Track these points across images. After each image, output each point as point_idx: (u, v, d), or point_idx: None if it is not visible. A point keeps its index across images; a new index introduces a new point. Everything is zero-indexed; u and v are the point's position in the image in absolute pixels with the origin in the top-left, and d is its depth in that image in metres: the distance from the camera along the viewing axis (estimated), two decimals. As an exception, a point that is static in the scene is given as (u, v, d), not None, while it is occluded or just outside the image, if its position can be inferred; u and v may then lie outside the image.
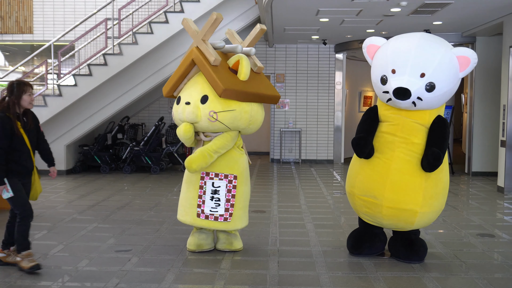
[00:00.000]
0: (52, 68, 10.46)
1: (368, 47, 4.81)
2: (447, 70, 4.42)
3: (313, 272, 4.54)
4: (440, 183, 4.62)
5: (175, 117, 4.99)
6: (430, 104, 4.49)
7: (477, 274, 4.51)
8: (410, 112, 4.56)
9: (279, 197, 8.15)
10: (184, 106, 4.81)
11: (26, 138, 4.52)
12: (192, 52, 4.82)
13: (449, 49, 4.48)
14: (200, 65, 4.76)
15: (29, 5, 13.03)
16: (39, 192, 4.83)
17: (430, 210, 4.60)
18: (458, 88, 4.75)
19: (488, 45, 10.56)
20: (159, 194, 8.35)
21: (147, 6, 11.53)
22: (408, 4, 7.89)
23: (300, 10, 8.54)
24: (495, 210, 7.37)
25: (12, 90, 4.46)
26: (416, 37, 4.58)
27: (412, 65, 4.41)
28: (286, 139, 13.00)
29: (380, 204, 4.62)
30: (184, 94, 4.91)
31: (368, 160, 4.71)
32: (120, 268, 4.60)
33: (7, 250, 4.66)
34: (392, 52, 4.56)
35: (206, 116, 4.72)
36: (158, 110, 13.12)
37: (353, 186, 4.87)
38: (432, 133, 4.52)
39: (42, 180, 9.66)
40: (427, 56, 4.42)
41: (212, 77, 4.64)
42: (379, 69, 4.63)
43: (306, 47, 12.78)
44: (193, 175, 4.95)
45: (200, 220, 4.92)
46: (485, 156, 10.64)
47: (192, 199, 4.93)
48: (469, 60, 4.42)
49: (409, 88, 4.37)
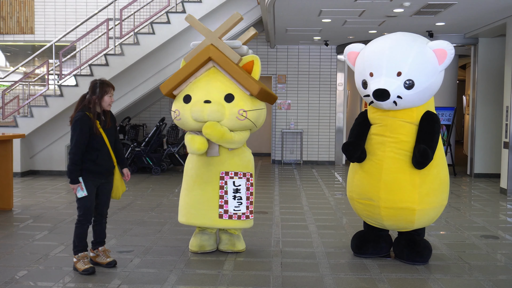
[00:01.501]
0: (54, 68, 10.45)
1: (348, 55, 4.87)
2: (423, 65, 4.42)
3: (317, 273, 4.50)
4: (436, 179, 4.60)
5: (185, 116, 4.75)
6: (413, 101, 4.49)
7: (482, 275, 4.48)
8: (397, 111, 4.57)
9: (281, 198, 8.12)
10: (203, 104, 4.66)
11: (105, 137, 4.47)
12: (209, 50, 4.74)
13: (424, 44, 4.49)
14: (224, 63, 4.72)
15: (30, 5, 13.02)
16: (122, 191, 4.73)
17: (428, 206, 4.57)
18: (460, 90, 4.76)
19: (491, 47, 10.53)
20: (160, 195, 8.31)
21: (149, 7, 11.53)
22: (411, 5, 7.86)
23: (302, 11, 8.51)
24: (498, 211, 7.33)
25: (94, 90, 4.42)
26: (390, 37, 4.65)
27: (387, 65, 4.44)
28: (288, 140, 12.96)
29: (377, 205, 4.61)
30: (197, 92, 4.74)
31: (362, 163, 4.75)
32: (122, 269, 4.57)
33: (96, 250, 4.65)
34: (368, 56, 4.62)
35: (234, 114, 4.68)
36: (159, 111, 13.09)
37: (352, 190, 4.90)
38: (420, 129, 4.52)
39: (58, 180, 9.65)
40: (401, 54, 4.44)
41: (244, 76, 4.68)
42: (359, 74, 4.69)
43: (307, 48, 12.75)
44: (208, 176, 4.82)
45: (223, 221, 4.85)
46: (488, 158, 10.60)
47: (211, 200, 4.84)
48: (446, 52, 4.42)
49: (387, 88, 4.39)
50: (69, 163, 4.35)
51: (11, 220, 6.47)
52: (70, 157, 4.33)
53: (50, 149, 10.41)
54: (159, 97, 12.80)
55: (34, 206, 7.30)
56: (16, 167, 9.81)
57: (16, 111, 11.01)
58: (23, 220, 6.45)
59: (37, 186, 9.07)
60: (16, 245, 5.30)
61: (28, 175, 10.30)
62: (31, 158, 10.46)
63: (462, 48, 11.66)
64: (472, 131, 10.93)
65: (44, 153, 10.42)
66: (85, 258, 4.48)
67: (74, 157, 4.31)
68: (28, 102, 10.76)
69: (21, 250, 5.13)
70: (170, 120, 12.76)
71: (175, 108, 4.87)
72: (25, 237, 5.60)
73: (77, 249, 4.47)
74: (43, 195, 8.17)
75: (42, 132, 10.29)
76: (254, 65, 4.86)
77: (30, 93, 12.03)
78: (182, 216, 5.04)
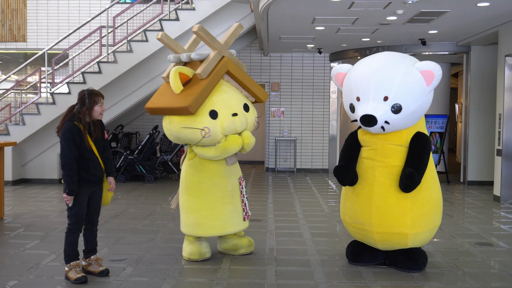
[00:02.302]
0: (46, 76, 10.39)
1: (336, 76, 4.83)
2: (410, 88, 4.35)
3: (312, 281, 4.47)
4: (428, 202, 4.56)
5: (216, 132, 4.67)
6: (401, 125, 4.45)
7: (476, 282, 4.46)
8: (387, 134, 4.52)
9: (274, 206, 8.08)
10: (233, 118, 4.72)
11: (93, 146, 4.44)
12: (227, 63, 4.80)
13: (411, 65, 4.41)
14: (241, 75, 4.91)
15: (22, 13, 12.97)
16: (110, 196, 4.73)
17: (421, 230, 4.56)
18: (452, 98, 4.77)
19: (483, 55, 10.59)
20: (153, 203, 8.26)
21: (142, 14, 11.51)
22: (405, 13, 7.89)
23: (296, 18, 8.53)
24: (492, 219, 7.33)
25: (83, 101, 4.38)
26: (376, 59, 4.57)
27: (374, 90, 4.37)
28: (281, 148, 12.95)
29: (370, 230, 4.61)
30: (220, 106, 4.71)
31: (353, 187, 4.72)
32: (114, 278, 4.51)
33: (88, 259, 4.61)
34: (355, 79, 4.55)
35: (252, 122, 4.95)
36: (153, 119, 13.04)
37: (344, 213, 4.90)
38: (410, 152, 4.47)
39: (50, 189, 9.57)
40: (387, 78, 4.36)
41: (256, 85, 5.01)
42: (347, 97, 4.65)
43: (301, 56, 12.78)
44: (231, 184, 5.01)
45: (245, 223, 5.17)
46: (481, 165, 10.63)
47: (237, 206, 5.07)
48: (433, 74, 4.35)
49: (374, 114, 4.33)
50: (65, 174, 4.27)
51: (2, 229, 6.39)
52: (66, 169, 4.26)
53: (42, 158, 10.33)
54: (152, 105, 12.74)
55: (25, 214, 7.22)
56: (7, 175, 9.72)
57: (7, 119, 10.93)
58: (14, 229, 6.37)
59: (28, 194, 8.99)
60: (7, 254, 5.23)
61: (19, 184, 10.21)
62: (23, 166, 10.37)
63: (454, 56, 11.71)
64: (465, 139, 10.96)
65: (36, 161, 10.34)
66: (77, 267, 4.43)
67: (70, 167, 4.26)
68: (20, 110, 10.68)
69: (12, 259, 5.06)
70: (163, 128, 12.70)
71: (202, 125, 4.64)
72: (16, 246, 5.53)
73: (69, 258, 4.42)
74: (34, 203, 8.09)
75: (34, 140, 10.21)
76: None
77: (22, 101, 11.96)
78: (213, 229, 4.97)
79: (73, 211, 4.38)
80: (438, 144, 10.97)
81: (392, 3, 7.31)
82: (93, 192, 4.52)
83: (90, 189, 4.46)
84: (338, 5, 7.52)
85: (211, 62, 4.75)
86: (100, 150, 4.54)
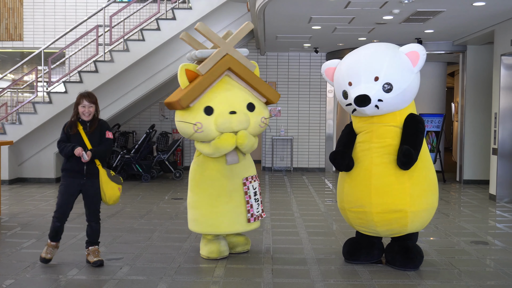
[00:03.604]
0: (42, 75, 10.38)
1: (326, 71, 4.99)
2: (399, 68, 4.55)
3: (308, 279, 4.49)
4: (425, 181, 4.65)
5: (209, 129, 4.71)
6: (394, 104, 4.57)
7: (472, 281, 4.48)
8: (381, 117, 4.64)
9: (271, 205, 8.10)
10: (230, 116, 4.71)
11: (87, 140, 4.78)
12: (228, 61, 4.80)
13: (397, 49, 4.65)
14: (244, 73, 4.87)
15: (19, 12, 12.94)
16: (110, 195, 4.85)
17: (420, 208, 4.60)
18: (448, 97, 4.85)
19: (479, 54, 10.62)
20: (150, 202, 8.26)
21: (139, 13, 11.50)
22: (401, 12, 7.91)
23: (292, 18, 8.54)
24: (487, 217, 7.37)
25: (76, 102, 4.87)
26: (364, 48, 4.80)
27: (365, 72, 4.55)
28: (278, 147, 12.96)
29: (370, 211, 4.62)
30: (218, 103, 4.74)
31: (350, 172, 4.79)
32: (111, 276, 4.52)
33: (87, 249, 4.90)
34: (345, 67, 4.74)
35: (257, 123, 4.89)
36: (149, 118, 13.04)
37: (342, 200, 4.92)
38: (404, 131, 4.60)
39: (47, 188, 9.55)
40: (376, 60, 4.58)
41: (265, 85, 4.95)
42: (339, 86, 4.78)
43: (297, 55, 12.79)
44: (233, 184, 4.93)
45: (250, 224, 5.05)
46: (477, 164, 10.66)
47: (239, 207, 4.97)
48: (418, 54, 4.57)
49: (367, 93, 4.47)
50: (60, 152, 4.79)
51: (-1, 228, 6.39)
52: (59, 149, 4.80)
53: (39, 157, 10.32)
54: (149, 104, 12.76)
55: (22, 214, 7.22)
56: (4, 174, 9.71)
57: (4, 118, 10.91)
58: (11, 228, 6.37)
59: (25, 193, 8.98)
60: (3, 253, 5.23)
61: (16, 183, 10.19)
62: (19, 165, 10.36)
63: (450, 56, 11.75)
64: (461, 138, 10.99)
65: (33, 160, 10.33)
66: (49, 247, 4.83)
67: (59, 145, 4.79)
68: (17, 109, 10.67)
69: (8, 258, 5.06)
70: (160, 127, 12.72)
71: (195, 120, 4.74)
72: (13, 245, 5.53)
73: (48, 236, 4.87)
74: (31, 202, 8.08)
75: (31, 140, 10.20)
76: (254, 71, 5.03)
77: (18, 100, 11.94)
78: (203, 226, 5.01)
79: (57, 199, 4.84)
80: (434, 143, 11.01)
81: (388, 2, 7.33)
82: (84, 188, 4.79)
83: (75, 182, 4.77)
84: (334, 4, 7.54)
85: (211, 59, 4.79)
86: (94, 146, 4.81)
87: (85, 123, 4.83)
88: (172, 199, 8.51)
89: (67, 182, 4.80)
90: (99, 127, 4.88)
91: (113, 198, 4.87)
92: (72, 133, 4.78)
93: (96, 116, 4.89)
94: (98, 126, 4.88)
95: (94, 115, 4.86)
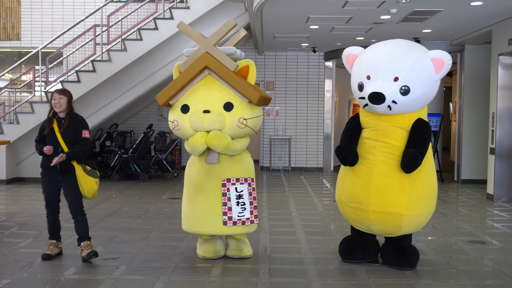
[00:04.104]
0: (40, 74, 10.36)
1: (347, 57, 4.87)
2: (420, 73, 4.45)
3: (305, 279, 4.48)
4: (425, 186, 4.61)
5: (184, 126, 4.73)
6: (407, 107, 4.51)
7: (470, 280, 4.48)
8: (390, 116, 4.58)
9: (269, 204, 8.09)
10: (202, 114, 4.65)
11: (60, 137, 4.87)
12: (205, 59, 4.72)
13: (423, 52, 4.53)
14: (222, 72, 4.71)
15: (17, 11, 12.92)
16: (87, 189, 4.94)
17: (417, 213, 4.57)
18: (446, 97, 4.80)
19: (477, 54, 10.63)
20: (147, 201, 8.25)
21: (136, 13, 11.48)
22: (398, 12, 7.91)
23: (290, 17, 8.54)
24: (485, 217, 7.37)
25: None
26: (389, 43, 4.67)
27: (385, 70, 4.46)
28: (276, 147, 12.96)
29: (366, 209, 4.62)
30: (195, 102, 4.71)
31: (352, 167, 4.75)
32: (108, 276, 4.51)
33: (79, 246, 4.99)
34: (367, 59, 4.63)
35: (234, 123, 4.68)
36: (147, 118, 13.03)
37: (341, 194, 4.90)
38: (411, 134, 4.54)
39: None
40: (400, 60, 4.47)
41: (244, 84, 4.68)
42: (356, 76, 4.70)
43: (295, 55, 12.78)
44: (210, 184, 4.80)
45: (228, 228, 4.84)
46: (474, 164, 10.67)
47: (215, 208, 4.82)
48: (443, 62, 4.45)
49: (383, 92, 4.40)
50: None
51: (-4, 228, 6.38)
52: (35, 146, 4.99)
53: (36, 156, 10.20)
54: (147, 103, 12.74)
55: (19, 213, 7.21)
56: (1, 174, 9.69)
57: (1, 118, 10.89)
58: (8, 227, 6.36)
59: (22, 193, 8.97)
60: (0, 252, 5.22)
61: (13, 183, 10.17)
62: (17, 165, 10.34)
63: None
64: (459, 138, 11.00)
65: (30, 160, 10.31)
66: (50, 245, 5.00)
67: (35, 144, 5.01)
68: (14, 109, 10.65)
69: (5, 258, 5.05)
70: (158, 127, 12.70)
71: (173, 118, 4.81)
72: (10, 245, 5.52)
73: (48, 237, 5.04)
74: (28, 202, 8.07)
75: (28, 139, 10.17)
76: (249, 70, 4.84)
77: (16, 100, 11.92)
78: (186, 225, 5.02)
79: (44, 196, 5.02)
80: (432, 142, 11.01)
81: (385, 2, 7.33)
82: (63, 185, 4.95)
83: (52, 179, 4.92)
84: (332, 4, 7.54)
85: (190, 57, 4.81)
86: (68, 143, 4.87)
87: (61, 120, 4.92)
88: (170, 199, 8.50)
89: (45, 180, 4.97)
90: (74, 124, 4.92)
91: (91, 192, 4.98)
92: (46, 133, 4.91)
93: (70, 111, 4.94)
94: (73, 123, 4.92)
95: (69, 113, 4.92)
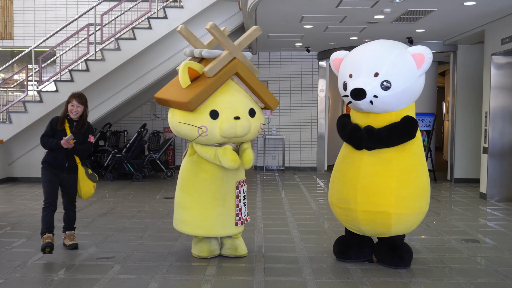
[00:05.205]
0: (33, 74, 10.31)
1: (334, 61, 4.96)
2: (401, 68, 4.49)
3: (300, 278, 4.49)
4: (414, 184, 4.61)
5: (213, 133, 4.64)
6: (390, 103, 4.53)
7: (463, 278, 4.51)
8: (377, 115, 4.61)
9: (263, 204, 8.10)
10: (234, 121, 4.63)
11: None
12: (237, 65, 4.74)
13: (404, 49, 4.59)
14: (249, 78, 4.81)
15: (9, 10, 12.85)
16: (85, 192, 5.31)
17: (406, 211, 4.58)
18: (439, 96, 4.83)
19: (470, 53, 10.69)
20: (141, 201, 8.23)
21: (130, 12, 11.44)
22: (392, 11, 7.94)
23: (284, 17, 8.54)
24: (478, 216, 7.41)
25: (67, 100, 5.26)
26: (373, 43, 4.77)
27: (366, 66, 4.53)
28: (270, 147, 12.97)
29: (354, 209, 4.64)
30: (224, 107, 4.65)
31: (340, 168, 4.82)
32: (102, 275, 4.50)
33: (64, 233, 5.36)
34: (350, 59, 4.74)
35: (256, 128, 4.85)
36: (141, 117, 12.99)
37: (332, 195, 4.95)
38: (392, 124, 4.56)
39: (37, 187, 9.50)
40: (380, 57, 4.54)
41: (267, 91, 4.92)
42: (341, 77, 4.80)
43: (289, 54, 12.80)
44: (226, 187, 4.87)
45: (238, 228, 4.99)
46: (467, 163, 10.73)
47: (231, 210, 4.91)
48: (423, 57, 4.49)
49: (364, 87, 4.46)
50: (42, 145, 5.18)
51: (-11, 228, 6.34)
52: (41, 140, 5.18)
53: (29, 156, 10.24)
54: (141, 103, 12.71)
55: (12, 213, 7.17)
56: (-6, 174, 9.63)
57: (-6, 117, 10.83)
58: (1, 227, 6.32)
59: (15, 193, 8.92)
60: (-7, 252, 5.20)
61: (6, 182, 10.12)
62: (10, 165, 10.29)
63: (441, 55, 11.81)
64: (452, 137, 11.05)
65: (23, 160, 10.26)
66: (47, 239, 5.05)
67: (43, 138, 5.17)
68: (7, 108, 10.59)
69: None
70: (151, 126, 12.67)
71: (201, 124, 4.63)
72: (3, 245, 5.48)
73: (42, 231, 5.10)
74: (21, 202, 8.03)
75: (21, 139, 10.13)
76: None
77: (8, 99, 11.86)
78: (199, 229, 4.93)
79: (43, 188, 5.18)
80: (426, 142, 11.05)
81: (379, 1, 7.35)
82: (64, 180, 5.21)
83: (56, 175, 5.16)
84: (326, 3, 7.55)
85: (220, 61, 4.68)
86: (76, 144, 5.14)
87: (72, 122, 5.23)
88: (164, 198, 8.49)
89: (48, 173, 5.15)
90: (84, 128, 5.26)
91: (87, 195, 5.35)
92: (59, 129, 5.16)
93: (84, 117, 5.28)
94: (84, 127, 5.25)
95: (82, 116, 5.25)
